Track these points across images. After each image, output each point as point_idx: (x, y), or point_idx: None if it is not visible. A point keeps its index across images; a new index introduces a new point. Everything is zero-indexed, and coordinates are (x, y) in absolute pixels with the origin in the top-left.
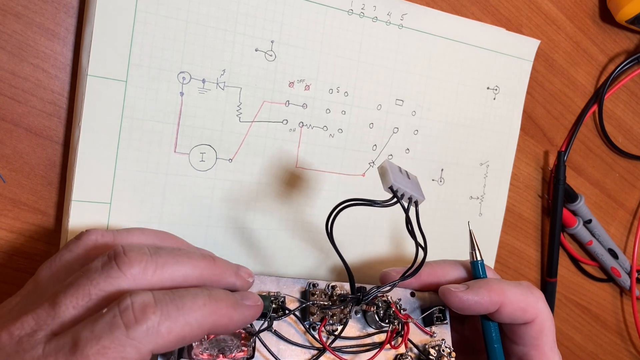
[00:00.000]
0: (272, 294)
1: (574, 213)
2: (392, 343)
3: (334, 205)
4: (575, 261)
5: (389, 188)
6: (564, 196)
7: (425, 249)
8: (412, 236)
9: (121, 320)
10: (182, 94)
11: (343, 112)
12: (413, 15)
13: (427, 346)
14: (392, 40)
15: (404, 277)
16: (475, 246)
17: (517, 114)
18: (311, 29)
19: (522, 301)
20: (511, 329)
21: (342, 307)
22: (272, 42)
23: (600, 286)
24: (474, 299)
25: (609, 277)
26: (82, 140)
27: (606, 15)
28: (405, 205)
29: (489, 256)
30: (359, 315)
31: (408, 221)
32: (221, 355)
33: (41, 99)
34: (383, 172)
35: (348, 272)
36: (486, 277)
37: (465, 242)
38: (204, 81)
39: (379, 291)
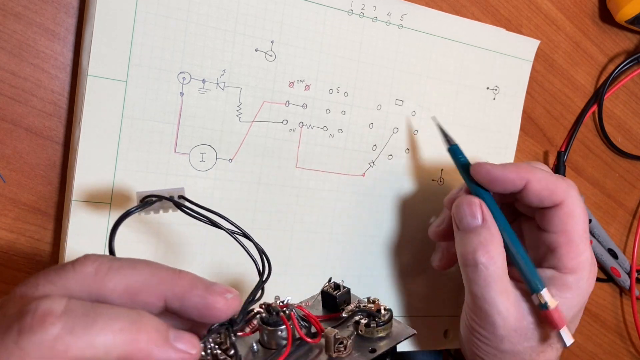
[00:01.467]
0: None
1: None
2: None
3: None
4: None
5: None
6: None
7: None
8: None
9: (17, 324)
10: (182, 94)
11: (343, 112)
12: (413, 15)
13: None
14: (392, 40)
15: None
16: (445, 133)
17: (516, 114)
18: (311, 29)
19: (552, 183)
20: (540, 214)
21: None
22: (272, 42)
23: (600, 286)
24: (502, 172)
25: (609, 277)
26: (82, 140)
27: (606, 15)
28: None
29: None
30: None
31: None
32: None
33: (41, 99)
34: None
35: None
36: (466, 158)
37: None
38: (204, 81)
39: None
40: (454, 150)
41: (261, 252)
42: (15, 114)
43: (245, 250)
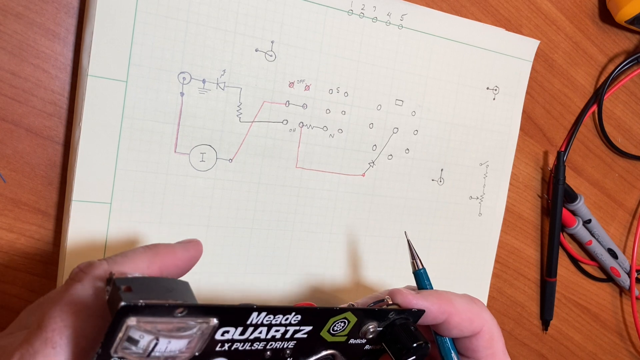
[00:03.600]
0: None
1: (574, 213)
2: None
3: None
4: (574, 261)
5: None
6: (563, 196)
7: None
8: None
9: (74, 280)
10: (182, 94)
11: (343, 112)
12: (413, 15)
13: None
14: (392, 41)
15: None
16: (415, 255)
17: (516, 114)
18: (311, 29)
19: (469, 311)
20: (463, 344)
21: None
22: (272, 42)
23: (600, 286)
24: (424, 304)
25: (609, 277)
26: (83, 140)
27: (606, 15)
28: None
29: (488, 256)
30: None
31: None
32: None
33: (41, 99)
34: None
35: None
36: (432, 287)
37: (467, 241)
38: (204, 81)
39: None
40: (421, 275)
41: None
42: (16, 114)
43: None
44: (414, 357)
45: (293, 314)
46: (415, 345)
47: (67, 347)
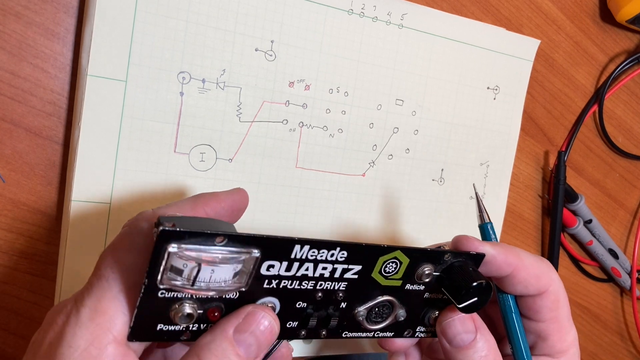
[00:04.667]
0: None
1: (574, 213)
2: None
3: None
4: (575, 261)
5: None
6: (564, 196)
7: None
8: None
9: (124, 228)
10: (182, 93)
11: (343, 112)
12: (413, 15)
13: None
14: (392, 40)
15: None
16: (482, 208)
17: (517, 114)
18: (311, 29)
19: (536, 268)
20: (526, 303)
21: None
22: (272, 42)
23: (601, 286)
24: (490, 251)
25: (609, 277)
26: (82, 140)
27: (606, 15)
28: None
29: None
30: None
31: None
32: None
33: (41, 99)
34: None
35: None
36: (497, 241)
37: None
38: (204, 81)
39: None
40: (486, 228)
41: None
42: (15, 113)
43: None
44: (475, 298)
45: (338, 249)
46: (475, 284)
47: (118, 281)
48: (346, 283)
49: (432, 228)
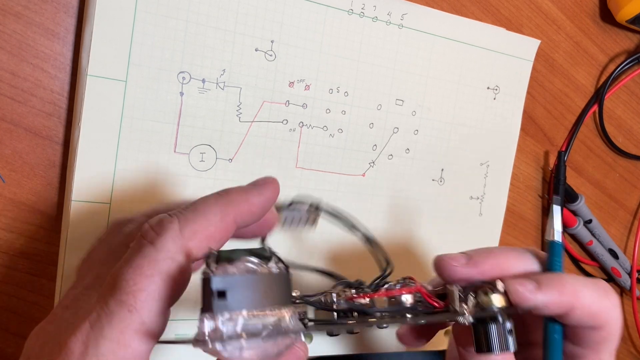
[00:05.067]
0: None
1: (575, 213)
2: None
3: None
4: (575, 261)
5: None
6: (564, 196)
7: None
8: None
9: (145, 240)
10: (182, 93)
11: (343, 112)
12: (413, 15)
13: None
14: (392, 40)
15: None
16: (558, 222)
17: (517, 114)
18: (311, 29)
19: (596, 305)
20: (573, 330)
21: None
22: (272, 42)
23: None
24: (543, 300)
25: (609, 277)
26: (82, 140)
27: (606, 15)
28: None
29: None
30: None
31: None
32: None
33: (41, 99)
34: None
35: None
36: (561, 269)
37: (467, 242)
38: (203, 81)
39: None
40: (555, 249)
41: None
42: (15, 113)
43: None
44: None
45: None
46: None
47: (141, 311)
48: None
49: (432, 228)
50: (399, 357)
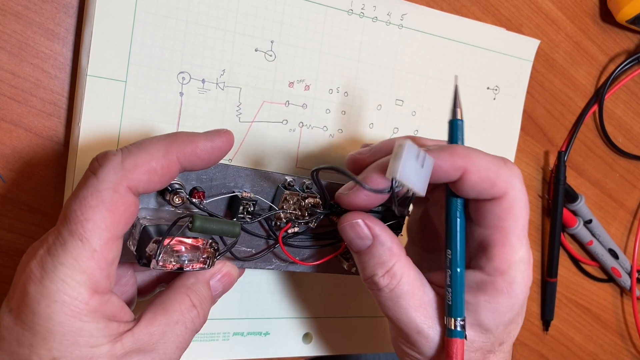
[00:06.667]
0: (245, 195)
1: (575, 213)
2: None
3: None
4: (575, 261)
5: (392, 179)
6: (564, 196)
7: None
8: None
9: (90, 172)
10: (181, 94)
11: (343, 112)
12: (413, 15)
13: None
14: (392, 41)
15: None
16: (457, 103)
17: (517, 114)
18: (311, 29)
19: (492, 172)
20: (475, 206)
21: (309, 221)
22: (272, 42)
23: (601, 286)
24: (435, 161)
25: (610, 277)
26: (82, 140)
27: (606, 15)
28: (396, 198)
29: None
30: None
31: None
32: (179, 265)
33: (41, 99)
34: (395, 157)
35: (321, 191)
36: (462, 143)
37: None
38: (203, 81)
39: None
40: (456, 125)
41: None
42: (15, 113)
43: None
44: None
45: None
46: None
47: (91, 239)
48: None
49: None
50: (395, 357)
